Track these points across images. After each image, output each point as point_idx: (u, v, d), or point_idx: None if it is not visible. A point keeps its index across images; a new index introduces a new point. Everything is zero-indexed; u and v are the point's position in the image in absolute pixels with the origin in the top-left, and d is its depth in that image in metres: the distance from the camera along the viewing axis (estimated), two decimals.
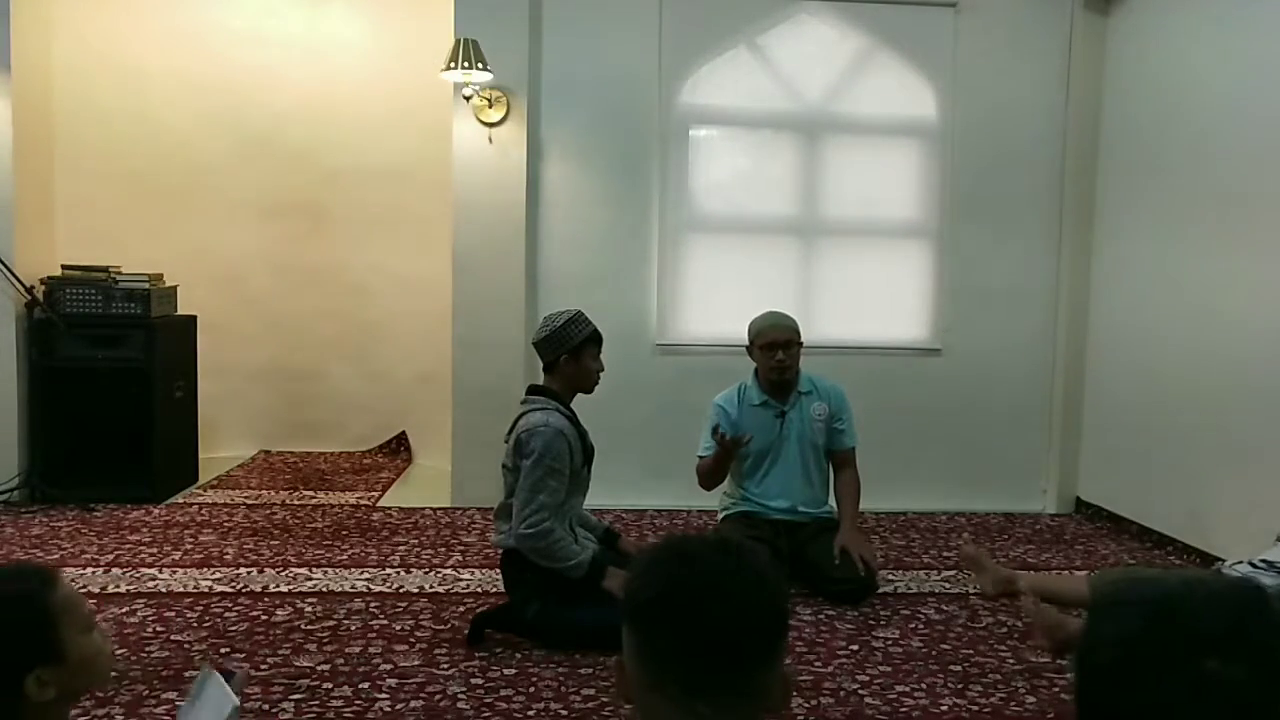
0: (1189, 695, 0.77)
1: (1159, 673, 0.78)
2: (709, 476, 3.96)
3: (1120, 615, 0.83)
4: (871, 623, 3.57)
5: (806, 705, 2.89)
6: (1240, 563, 3.28)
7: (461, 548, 4.38)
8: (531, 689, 2.95)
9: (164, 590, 3.74)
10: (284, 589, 3.78)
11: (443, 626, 3.43)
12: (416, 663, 3.13)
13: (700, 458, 3.98)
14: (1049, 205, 5.30)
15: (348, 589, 3.81)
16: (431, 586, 3.86)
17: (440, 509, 4.99)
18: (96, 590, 3.70)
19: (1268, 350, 4.00)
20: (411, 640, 3.30)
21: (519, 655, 3.19)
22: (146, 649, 3.16)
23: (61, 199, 5.55)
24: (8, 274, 4.85)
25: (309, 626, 3.40)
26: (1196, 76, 4.48)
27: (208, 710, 1.61)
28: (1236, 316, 4.18)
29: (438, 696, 2.89)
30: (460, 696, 2.89)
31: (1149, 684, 0.79)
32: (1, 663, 1.38)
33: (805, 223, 5.32)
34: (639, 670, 1.08)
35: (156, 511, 4.84)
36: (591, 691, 2.93)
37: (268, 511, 4.89)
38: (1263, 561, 3.20)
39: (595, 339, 3.44)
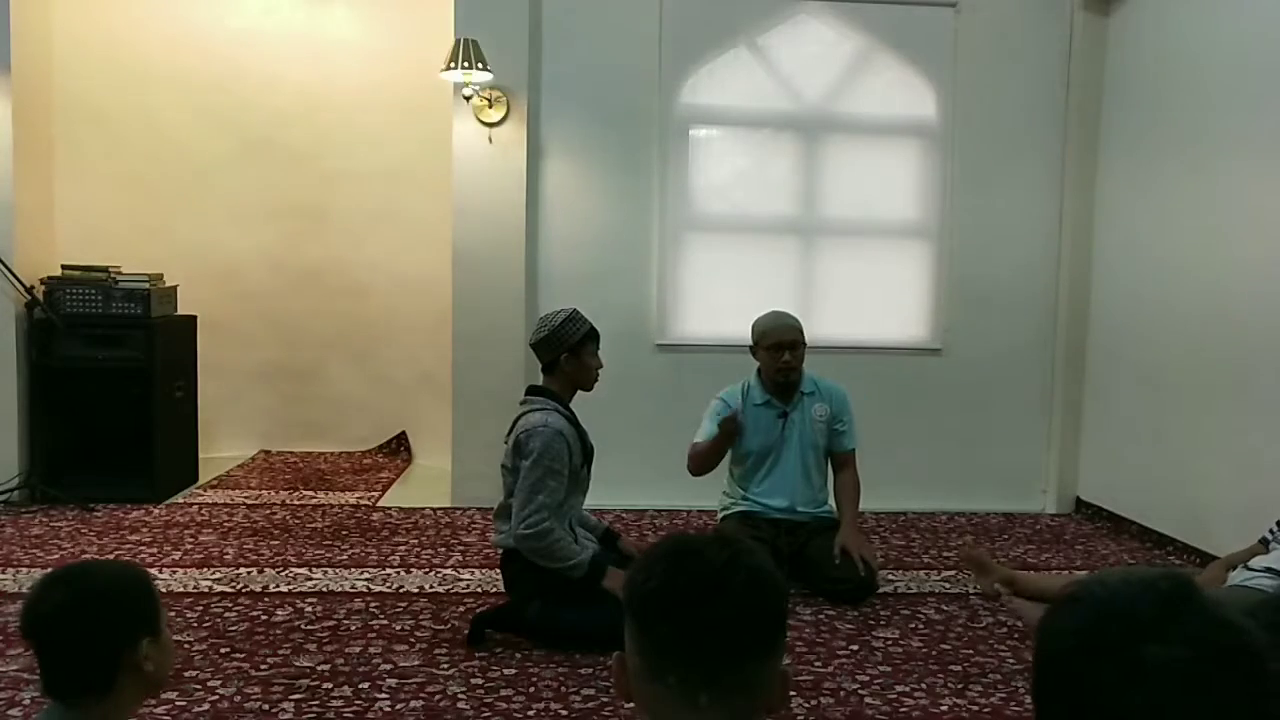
0: (1128, 678, 0.82)
1: (1101, 659, 0.84)
2: (701, 460, 3.93)
3: (1072, 610, 0.89)
4: (871, 623, 3.58)
5: (806, 705, 2.89)
6: (1237, 567, 3.29)
7: (461, 548, 4.38)
8: (531, 689, 2.95)
9: (164, 590, 3.72)
10: (284, 589, 3.78)
11: (443, 626, 3.43)
12: (416, 663, 3.13)
13: (694, 444, 3.97)
14: (1049, 205, 5.30)
15: (348, 589, 3.81)
16: (431, 586, 3.86)
17: (440, 509, 4.99)
18: None
19: (1268, 350, 4.00)
20: (411, 640, 3.30)
21: (519, 655, 3.19)
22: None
23: (61, 199, 5.55)
24: (8, 274, 4.85)
25: (309, 626, 3.40)
26: (1197, 77, 4.48)
27: None
28: (1237, 316, 4.18)
29: (438, 696, 2.89)
30: (460, 696, 2.89)
31: (1092, 670, 0.84)
32: (122, 621, 1.50)
33: (805, 223, 5.32)
34: (640, 663, 1.10)
35: (156, 511, 4.84)
36: (591, 691, 2.93)
37: (268, 511, 4.89)
38: (1263, 566, 3.21)
39: (593, 336, 3.44)
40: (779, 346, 3.92)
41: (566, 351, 3.38)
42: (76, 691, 1.50)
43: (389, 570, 4.04)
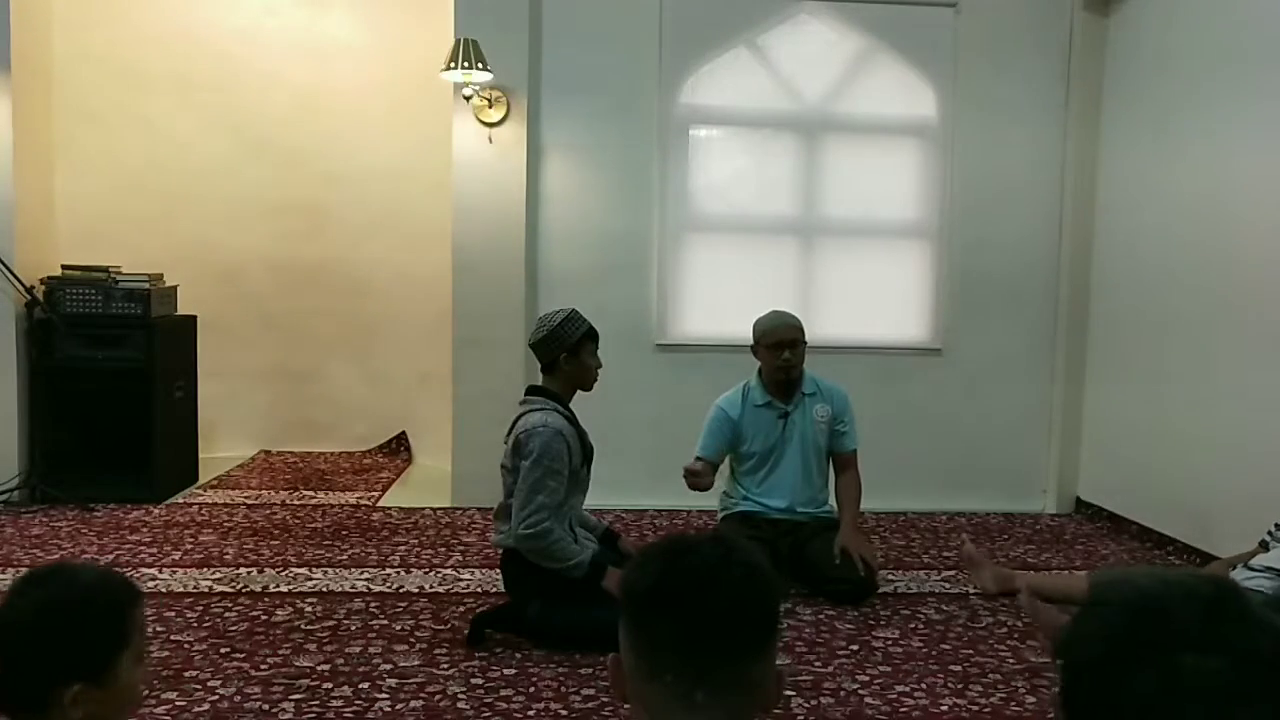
0: (1166, 690, 0.79)
1: (1137, 668, 0.80)
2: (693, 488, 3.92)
3: (1102, 614, 0.86)
4: (871, 623, 3.57)
5: (806, 705, 2.89)
6: (1238, 567, 3.29)
7: (461, 548, 4.38)
8: (531, 689, 2.95)
9: (164, 590, 3.74)
10: (284, 589, 3.78)
11: (443, 626, 3.43)
12: (416, 663, 3.13)
13: (698, 458, 3.98)
14: (1049, 205, 5.30)
15: (348, 589, 3.81)
16: (431, 586, 3.86)
17: (440, 509, 4.99)
18: None
19: (1269, 351, 4.00)
20: (411, 640, 3.30)
21: (519, 655, 3.19)
22: (147, 649, 3.15)
23: (61, 199, 5.55)
24: (8, 274, 4.85)
25: (309, 626, 3.40)
26: (1196, 76, 4.48)
27: None
28: (1238, 317, 4.18)
29: (438, 696, 2.89)
30: (460, 696, 2.89)
31: (1128, 679, 0.80)
32: (54, 658, 1.33)
33: (805, 223, 5.32)
34: (636, 662, 1.09)
35: (156, 511, 4.84)
36: (591, 691, 2.93)
37: (268, 511, 4.89)
38: (1262, 565, 3.21)
39: (592, 335, 3.44)
40: (779, 345, 3.93)
41: (565, 351, 3.38)
42: (10, 710, 1.35)
43: (389, 570, 4.04)
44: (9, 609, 1.37)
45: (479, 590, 3.82)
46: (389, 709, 2.80)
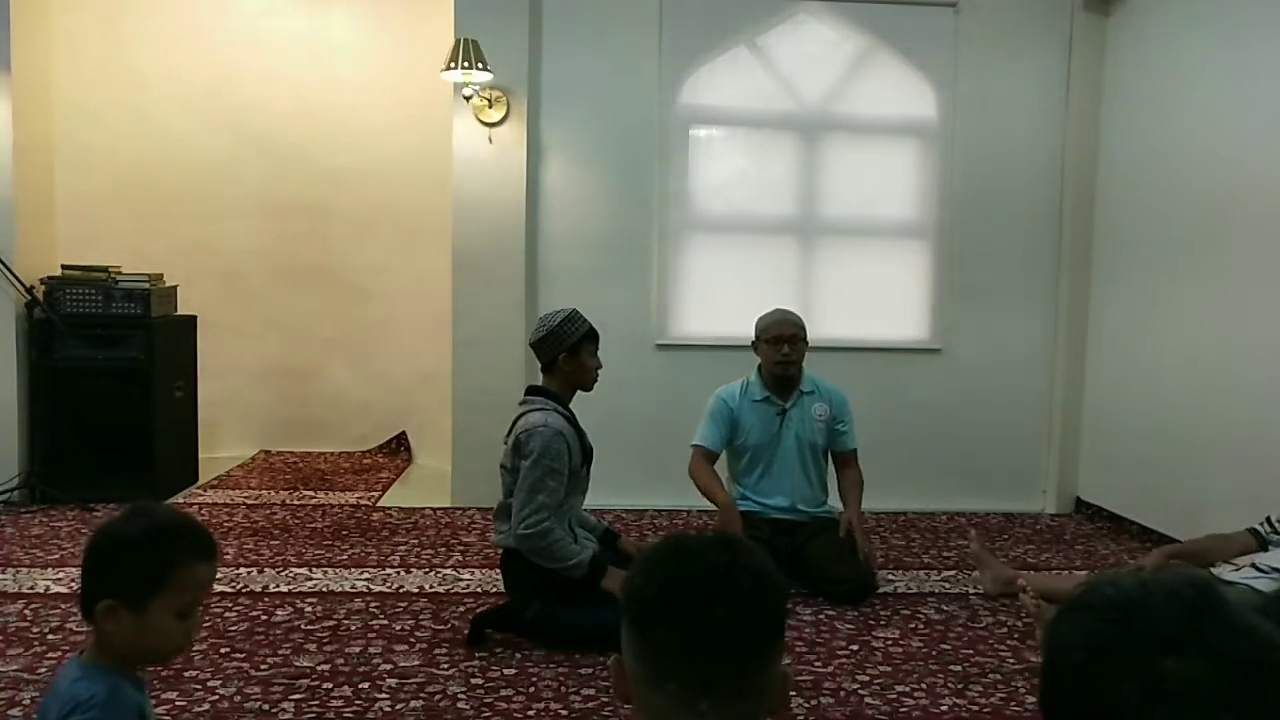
0: (1149, 696, 0.77)
1: (1119, 675, 0.79)
2: (700, 488, 3.98)
3: (1082, 618, 0.84)
4: (871, 623, 3.57)
5: (806, 705, 2.89)
6: (1244, 567, 3.28)
7: (461, 548, 4.38)
8: (531, 689, 2.95)
9: None
10: (284, 589, 3.78)
11: (443, 626, 3.43)
12: (416, 663, 3.13)
13: (695, 446, 3.99)
14: (1048, 205, 5.30)
15: (348, 589, 3.81)
16: (431, 586, 3.86)
17: (440, 509, 4.99)
18: None
19: (1266, 349, 4.00)
20: (411, 640, 3.31)
21: (519, 655, 3.19)
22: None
23: (61, 199, 5.55)
24: (8, 274, 4.85)
25: (309, 626, 3.40)
26: (1196, 77, 4.48)
27: None
28: (1235, 316, 4.18)
29: (438, 696, 2.89)
30: (460, 696, 2.89)
31: (1110, 686, 0.79)
32: (94, 583, 1.52)
33: (805, 223, 5.32)
34: (639, 668, 1.08)
35: None
36: (591, 691, 2.93)
37: (268, 511, 4.89)
38: (1269, 566, 3.20)
39: (592, 336, 3.44)
40: (779, 340, 3.95)
41: (565, 351, 3.38)
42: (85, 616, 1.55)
43: (389, 570, 4.04)
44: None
45: (479, 590, 3.82)
46: (389, 709, 2.81)
